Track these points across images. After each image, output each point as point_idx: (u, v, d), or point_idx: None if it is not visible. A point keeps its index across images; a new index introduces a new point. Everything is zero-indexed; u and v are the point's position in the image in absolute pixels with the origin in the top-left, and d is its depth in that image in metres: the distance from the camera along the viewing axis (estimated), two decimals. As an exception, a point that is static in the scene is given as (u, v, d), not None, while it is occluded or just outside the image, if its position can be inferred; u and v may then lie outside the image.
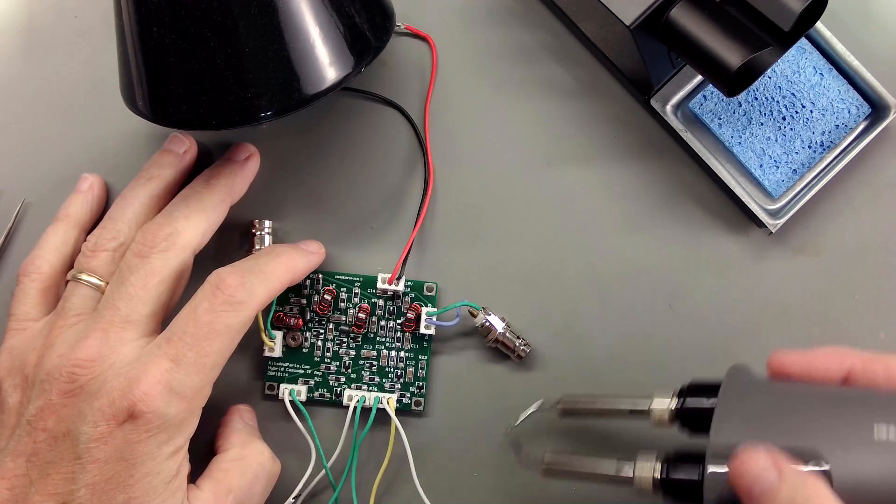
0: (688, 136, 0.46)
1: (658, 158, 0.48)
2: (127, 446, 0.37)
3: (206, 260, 0.47)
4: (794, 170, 0.46)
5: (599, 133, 0.48)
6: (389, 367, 0.46)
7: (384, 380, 0.46)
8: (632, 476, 0.37)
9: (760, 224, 0.46)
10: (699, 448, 0.36)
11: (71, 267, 0.43)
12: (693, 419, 0.38)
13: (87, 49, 0.48)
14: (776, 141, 0.46)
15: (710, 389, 0.37)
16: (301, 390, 0.46)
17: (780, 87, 0.47)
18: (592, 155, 0.48)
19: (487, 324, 0.45)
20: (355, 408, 0.45)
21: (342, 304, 0.46)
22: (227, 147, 0.47)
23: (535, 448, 0.42)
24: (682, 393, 0.38)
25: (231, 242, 0.47)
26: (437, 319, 0.46)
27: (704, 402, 0.37)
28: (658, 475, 0.36)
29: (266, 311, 0.46)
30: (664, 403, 0.38)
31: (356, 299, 0.46)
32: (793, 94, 0.47)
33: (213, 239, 0.47)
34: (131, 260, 0.40)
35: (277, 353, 0.46)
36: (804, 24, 0.40)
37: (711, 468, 0.34)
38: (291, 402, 0.45)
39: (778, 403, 0.35)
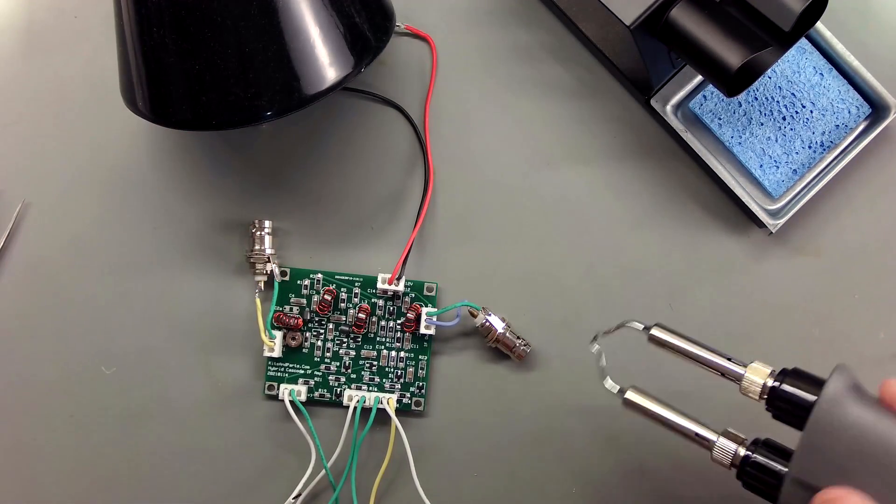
0: (688, 136, 0.46)
1: (658, 158, 0.48)
2: None
3: (207, 259, 0.47)
4: (794, 170, 0.46)
5: (599, 133, 0.48)
6: (389, 367, 0.46)
7: (384, 380, 0.46)
8: (713, 442, 0.36)
9: (760, 224, 0.46)
10: (785, 447, 0.35)
11: None
12: (782, 405, 0.36)
13: (87, 49, 0.48)
14: (776, 141, 0.46)
15: (813, 383, 0.35)
16: (301, 390, 0.46)
17: (780, 87, 0.47)
18: (592, 155, 0.48)
19: (487, 324, 0.45)
20: (355, 408, 0.45)
21: (342, 304, 0.46)
22: (228, 147, 0.47)
23: (618, 379, 0.39)
24: (782, 374, 0.36)
25: (231, 242, 0.47)
26: (437, 319, 0.46)
27: (802, 399, 0.35)
28: (741, 457, 0.36)
29: (266, 311, 0.46)
30: (760, 377, 0.36)
31: (356, 299, 0.46)
32: (793, 94, 0.47)
33: (213, 238, 0.47)
34: None
35: (277, 353, 0.46)
36: (804, 24, 0.40)
37: (790, 486, 0.34)
38: (291, 402, 0.45)
39: (874, 454, 0.33)
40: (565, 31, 0.48)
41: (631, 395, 0.38)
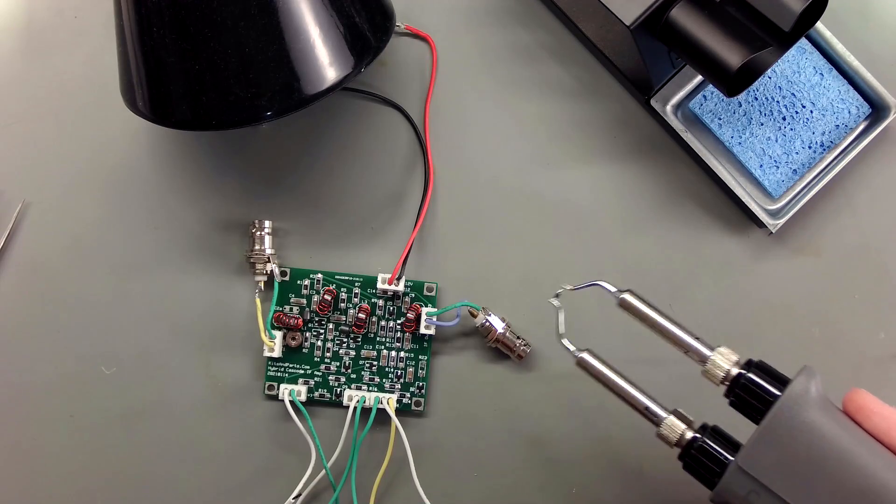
0: (688, 136, 0.46)
1: (658, 158, 0.48)
2: None
3: (207, 259, 0.47)
4: (794, 170, 0.46)
5: (599, 133, 0.48)
6: (389, 367, 0.46)
7: (384, 380, 0.46)
8: (662, 419, 0.36)
9: (760, 224, 0.46)
10: (732, 437, 0.35)
11: None
12: (743, 395, 0.35)
13: (87, 49, 0.48)
14: (776, 141, 0.46)
15: (777, 379, 0.35)
16: (301, 390, 0.46)
17: (780, 87, 0.47)
18: (592, 155, 0.48)
19: (487, 324, 0.45)
20: (355, 408, 0.45)
21: (342, 304, 0.46)
22: (228, 147, 0.47)
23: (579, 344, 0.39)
24: (748, 364, 0.36)
25: (231, 242, 0.47)
26: (437, 319, 0.46)
27: (766, 390, 0.35)
28: (687, 438, 0.35)
29: (266, 311, 0.46)
30: (726, 362, 0.36)
31: (356, 299, 0.46)
32: (793, 94, 0.47)
33: (213, 238, 0.47)
34: None
35: (277, 353, 0.46)
36: (804, 24, 0.40)
37: (733, 475, 0.34)
38: (291, 402, 0.45)
39: (825, 462, 0.33)
40: (565, 31, 0.48)
41: (586, 356, 0.38)
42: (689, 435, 0.36)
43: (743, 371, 0.36)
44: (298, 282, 0.46)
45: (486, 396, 0.46)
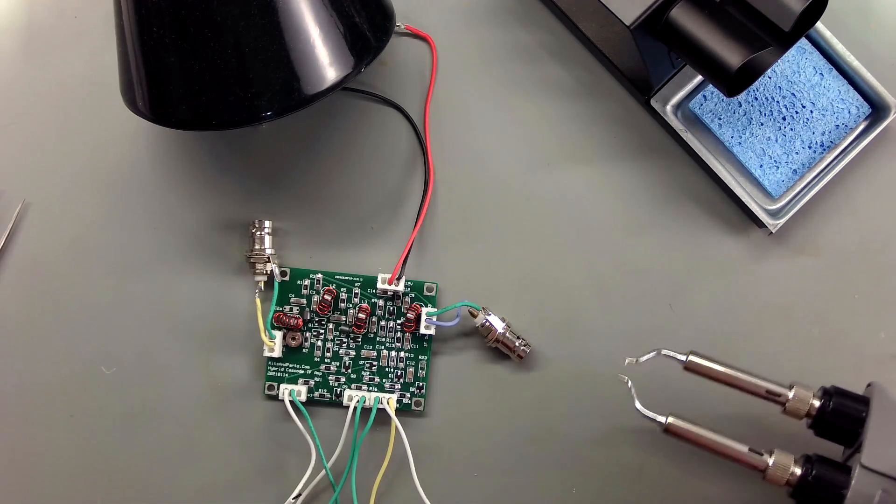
0: (688, 136, 0.46)
1: (658, 158, 0.48)
2: None
3: (208, 259, 0.47)
4: (794, 170, 0.46)
5: (599, 133, 0.48)
6: (389, 367, 0.46)
7: (384, 380, 0.46)
8: (767, 465, 0.36)
9: (760, 224, 0.46)
10: (838, 459, 0.36)
11: None
12: (830, 423, 0.36)
13: (87, 49, 0.48)
14: (776, 141, 0.46)
15: (858, 401, 0.36)
16: (301, 390, 0.46)
17: (780, 87, 0.47)
18: (592, 155, 0.48)
19: (487, 324, 0.45)
20: (355, 408, 0.45)
21: (342, 304, 0.46)
22: (228, 147, 0.47)
23: (650, 406, 0.39)
24: (826, 394, 0.37)
25: (231, 242, 0.47)
26: (437, 319, 0.46)
27: (853, 412, 0.35)
28: (798, 474, 0.36)
29: (266, 311, 0.46)
30: (807, 397, 0.37)
31: (356, 299, 0.46)
32: (793, 94, 0.47)
33: (213, 238, 0.47)
34: None
35: (277, 353, 0.46)
36: (804, 24, 0.40)
37: (862, 476, 0.34)
38: (291, 402, 0.45)
39: None
40: (565, 31, 0.48)
41: (673, 420, 0.38)
42: (798, 471, 0.36)
43: (824, 400, 0.36)
44: (298, 282, 0.46)
45: (486, 396, 0.46)
